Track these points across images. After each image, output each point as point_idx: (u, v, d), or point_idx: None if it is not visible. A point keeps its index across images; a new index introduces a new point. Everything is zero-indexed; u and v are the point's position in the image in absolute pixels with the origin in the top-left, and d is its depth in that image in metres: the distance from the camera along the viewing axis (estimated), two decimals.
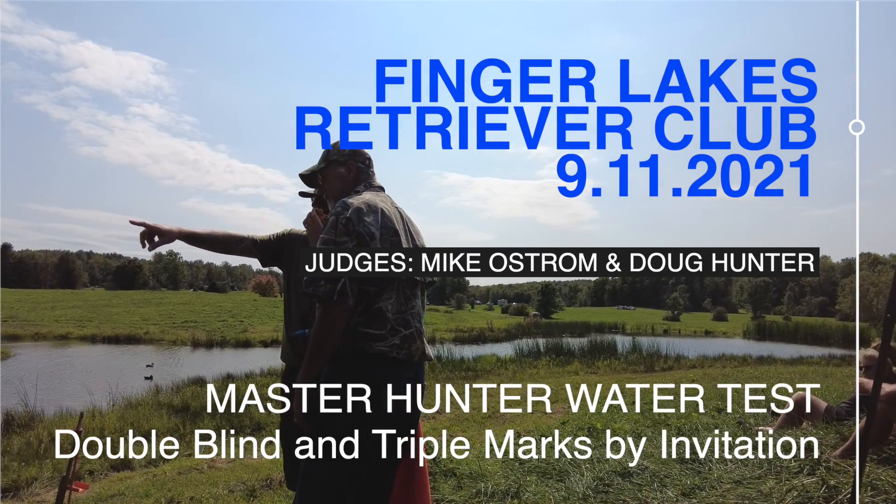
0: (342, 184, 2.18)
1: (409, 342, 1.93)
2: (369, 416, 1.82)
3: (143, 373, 18.60)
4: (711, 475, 3.16)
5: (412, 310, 1.99)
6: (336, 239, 1.87)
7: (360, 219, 1.90)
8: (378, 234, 1.92)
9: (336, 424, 1.81)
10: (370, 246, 1.89)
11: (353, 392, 1.81)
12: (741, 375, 12.12)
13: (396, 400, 1.87)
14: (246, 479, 5.12)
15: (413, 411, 1.95)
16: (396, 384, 1.87)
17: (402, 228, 2.04)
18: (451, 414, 10.28)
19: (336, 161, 2.20)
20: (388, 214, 2.01)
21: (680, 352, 20.97)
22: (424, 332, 2.09)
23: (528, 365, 18.32)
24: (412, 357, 1.94)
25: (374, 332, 1.86)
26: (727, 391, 7.90)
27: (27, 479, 6.89)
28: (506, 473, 3.82)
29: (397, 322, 1.92)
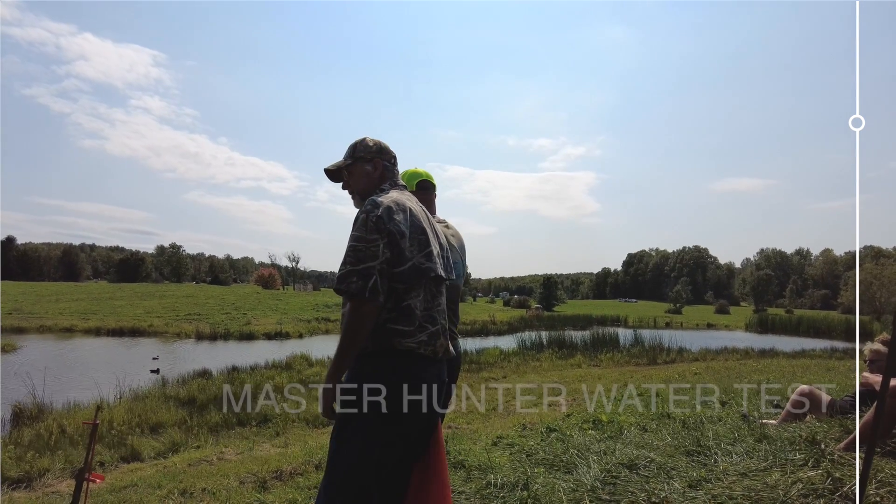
0: (368, 181, 2.19)
1: (436, 339, 1.97)
2: (397, 411, 1.85)
3: (148, 365, 18.73)
4: (717, 467, 3.20)
5: (438, 307, 2.03)
6: (367, 237, 1.88)
7: (391, 217, 1.92)
8: (408, 232, 1.94)
9: (365, 420, 1.84)
10: (400, 244, 1.91)
11: (384, 388, 1.85)
12: (744, 368, 12.19)
13: (422, 395, 1.91)
14: (256, 470, 5.18)
15: (434, 411, 1.99)
16: (423, 381, 1.91)
17: (429, 227, 2.07)
18: (457, 406, 10.36)
19: (362, 158, 2.20)
20: (416, 213, 2.03)
21: (682, 345, 21.06)
22: (448, 329, 2.12)
23: (532, 358, 18.42)
24: (437, 353, 1.98)
25: (403, 329, 1.89)
26: (731, 385, 7.99)
27: (40, 470, 6.99)
28: (514, 465, 3.88)
29: (424, 319, 1.95)
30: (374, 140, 2.24)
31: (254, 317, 38.43)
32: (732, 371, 11.48)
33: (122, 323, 33.65)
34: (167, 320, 36.01)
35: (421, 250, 1.97)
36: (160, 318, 37.20)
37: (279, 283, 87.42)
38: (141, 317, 37.19)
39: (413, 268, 1.93)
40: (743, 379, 9.03)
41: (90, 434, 3.81)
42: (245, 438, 8.78)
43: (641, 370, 14.41)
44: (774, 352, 20.56)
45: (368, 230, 1.89)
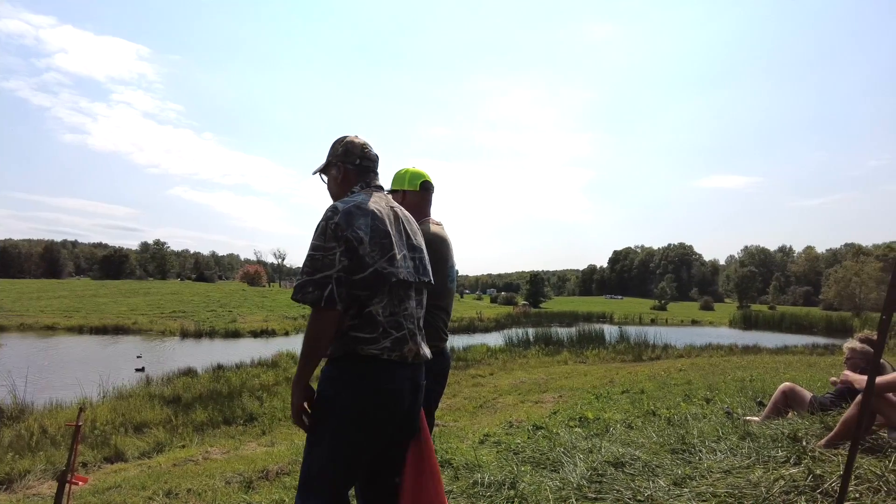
0: (336, 187, 2.17)
1: (402, 344, 1.94)
2: (364, 414, 1.85)
3: (132, 363, 18.53)
4: (701, 465, 3.24)
5: (405, 311, 1.99)
6: (325, 245, 1.86)
7: (349, 223, 1.89)
8: (368, 237, 1.90)
9: (334, 422, 1.84)
10: (359, 250, 1.88)
11: (351, 391, 1.85)
12: (728, 365, 12.32)
13: (391, 399, 1.90)
14: (242, 470, 5.15)
15: (409, 409, 1.99)
16: (390, 384, 1.90)
17: (395, 230, 2.03)
18: (444, 403, 10.37)
19: (330, 163, 2.18)
20: (381, 216, 1.99)
21: (667, 341, 21.25)
22: (421, 332, 2.08)
23: (519, 355, 18.49)
24: (405, 358, 1.95)
25: (364, 336, 1.88)
26: (715, 382, 8.08)
27: (20, 471, 6.89)
28: (500, 464, 3.89)
29: (389, 325, 1.92)
30: (345, 140, 2.19)
31: (239, 314, 38.14)
32: (717, 367, 11.60)
33: (105, 321, 33.20)
34: (152, 318, 35.62)
35: (383, 255, 1.94)
36: (144, 315, 36.77)
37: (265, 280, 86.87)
38: (125, 314, 36.72)
39: (374, 273, 1.90)
40: (727, 375, 9.13)
41: (73, 436, 3.75)
42: (231, 437, 8.72)
43: (627, 366, 14.52)
44: (758, 348, 20.82)
45: (326, 238, 1.87)
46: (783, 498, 2.53)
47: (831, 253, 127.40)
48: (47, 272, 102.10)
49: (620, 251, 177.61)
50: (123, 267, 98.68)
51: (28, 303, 41.56)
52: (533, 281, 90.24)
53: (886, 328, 1.68)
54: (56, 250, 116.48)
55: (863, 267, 68.99)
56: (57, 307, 39.60)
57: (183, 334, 30.16)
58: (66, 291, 50.24)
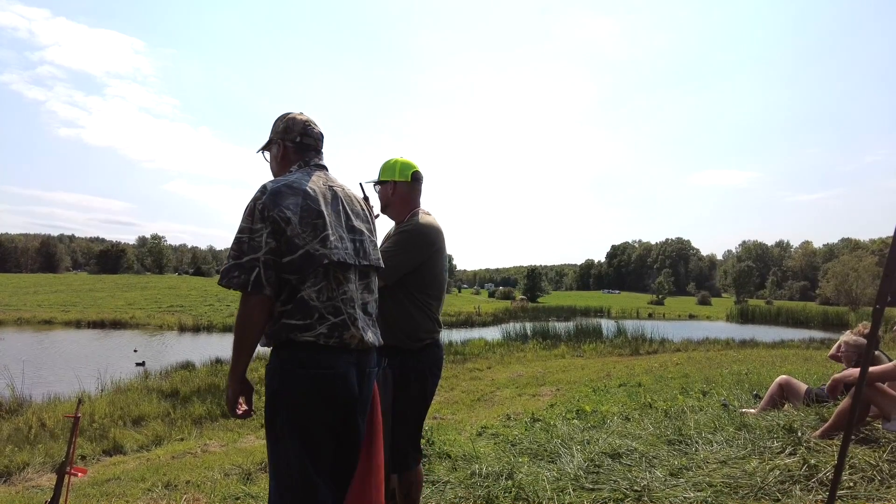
0: (275, 165, 2.07)
1: (340, 329, 1.83)
2: (312, 402, 1.80)
3: (130, 358, 18.53)
4: (697, 456, 3.27)
5: (344, 295, 1.88)
6: (252, 226, 1.77)
7: (276, 203, 1.78)
8: (297, 218, 1.79)
9: (287, 414, 1.80)
10: (286, 231, 1.78)
11: (294, 381, 1.79)
12: (725, 359, 12.37)
13: (335, 385, 1.83)
14: (241, 462, 5.16)
15: (358, 395, 1.91)
16: (331, 370, 1.82)
17: (330, 210, 1.91)
18: (441, 397, 10.40)
19: (271, 141, 2.08)
20: (314, 195, 1.87)
21: (665, 335, 21.28)
22: (367, 316, 1.97)
23: (516, 349, 18.53)
24: (347, 345, 1.85)
25: (297, 323, 1.79)
26: (712, 375, 8.12)
27: (19, 464, 6.90)
28: (498, 455, 3.91)
29: (326, 310, 1.82)
30: (287, 117, 2.08)
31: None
32: (713, 361, 11.65)
33: (103, 315, 33.19)
34: (149, 312, 35.62)
35: (315, 236, 1.82)
36: (142, 309, 36.79)
37: None
38: (122, 308, 36.73)
39: (304, 255, 1.80)
40: (724, 369, 9.18)
41: (72, 428, 3.76)
42: (229, 430, 8.74)
43: (624, 360, 14.57)
44: (755, 342, 20.89)
45: (254, 219, 1.78)
46: (778, 487, 2.56)
47: (828, 248, 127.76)
48: (44, 267, 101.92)
49: (618, 246, 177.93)
50: (121, 261, 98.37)
51: (25, 297, 41.51)
52: (530, 276, 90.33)
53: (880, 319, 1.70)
54: (53, 245, 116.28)
55: (859, 262, 69.18)
56: (54, 301, 39.58)
57: (181, 328, 30.16)
58: (64, 286, 50.19)
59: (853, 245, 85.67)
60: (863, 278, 65.53)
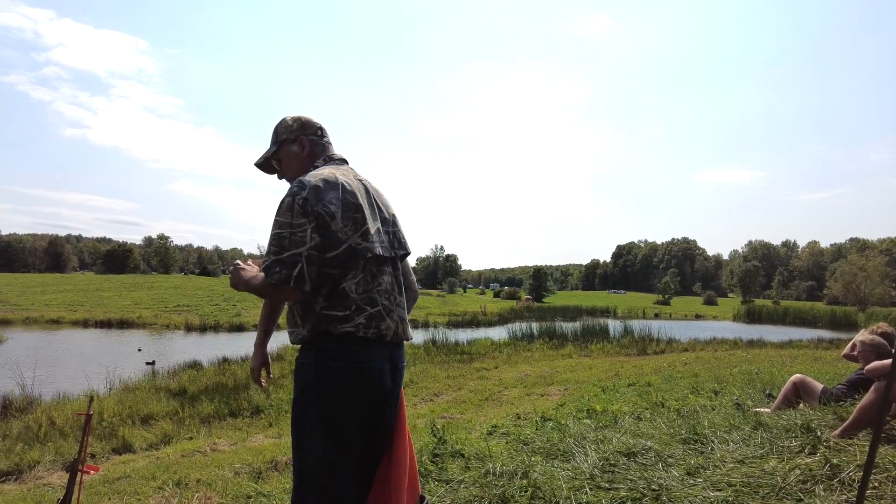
0: (299, 163, 2.05)
1: (377, 320, 1.84)
2: (346, 396, 1.79)
3: (137, 357, 18.59)
4: (714, 455, 3.23)
5: (379, 287, 1.88)
6: (292, 221, 1.75)
7: (319, 198, 1.78)
8: (339, 212, 1.80)
9: (318, 409, 1.78)
10: (331, 226, 1.78)
11: (328, 374, 1.78)
12: (733, 358, 12.31)
13: (370, 378, 1.83)
14: (251, 461, 5.17)
15: (391, 390, 1.92)
16: (367, 363, 1.82)
17: (366, 203, 1.92)
18: (449, 396, 10.38)
19: (286, 140, 2.06)
20: (351, 188, 1.88)
21: (672, 335, 21.21)
22: (400, 308, 1.97)
23: (523, 348, 18.49)
24: (383, 336, 1.86)
25: (338, 314, 1.79)
26: (722, 375, 8.07)
27: (30, 462, 6.92)
28: (511, 454, 3.88)
29: (363, 301, 1.82)
30: (293, 117, 2.10)
31: (244, 308, 38.19)
32: (722, 361, 11.59)
33: (110, 314, 33.31)
34: (156, 312, 35.73)
35: (357, 230, 1.84)
36: (149, 309, 36.89)
37: None
38: (129, 308, 36.85)
39: (348, 250, 1.81)
40: (733, 368, 9.12)
41: (83, 425, 3.76)
42: (238, 429, 8.75)
43: (632, 360, 14.50)
44: (762, 342, 20.78)
45: (294, 214, 1.76)
46: (800, 487, 2.52)
47: (835, 248, 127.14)
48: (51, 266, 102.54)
49: (623, 246, 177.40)
50: (127, 261, 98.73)
51: (33, 297, 41.73)
52: (536, 275, 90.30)
53: None
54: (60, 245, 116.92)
55: (868, 261, 68.74)
56: (62, 301, 39.76)
57: (187, 328, 30.25)
58: (71, 285, 50.42)
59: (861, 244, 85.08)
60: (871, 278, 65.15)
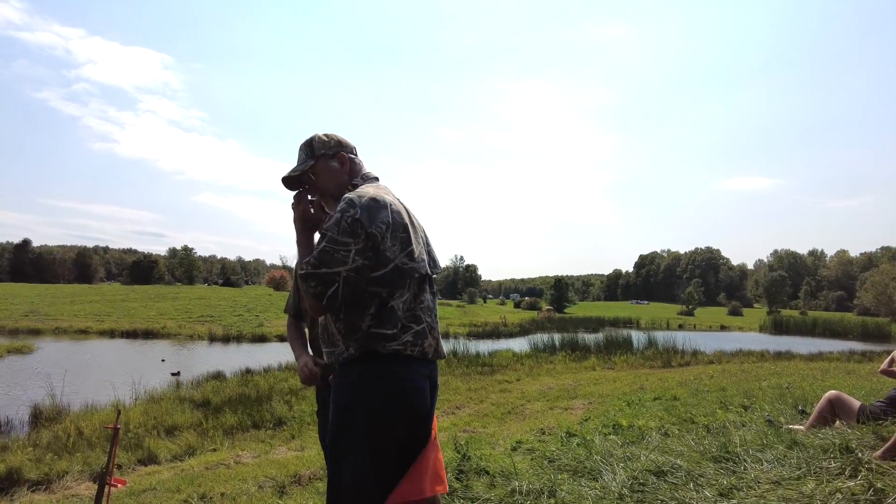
0: (337, 179, 2.03)
1: (422, 338, 1.85)
2: (390, 417, 1.76)
3: (161, 367, 18.84)
4: (747, 475, 3.13)
5: (422, 304, 1.89)
6: (339, 238, 1.74)
7: (371, 218, 1.77)
8: (389, 232, 1.80)
9: (360, 428, 1.75)
10: (380, 246, 1.77)
11: (375, 394, 1.76)
12: (761, 371, 12.03)
13: (414, 399, 1.81)
14: (274, 475, 5.17)
15: (428, 410, 1.90)
16: (412, 383, 1.81)
17: (409, 222, 1.91)
18: (471, 409, 10.30)
19: (325, 155, 2.04)
20: (397, 208, 1.87)
21: (696, 347, 20.84)
22: (438, 327, 1.97)
23: (545, 360, 18.32)
24: (426, 354, 1.87)
25: (386, 332, 1.78)
26: (750, 388, 7.88)
27: (59, 472, 7.02)
28: (537, 472, 3.82)
29: (407, 319, 1.83)
30: (326, 134, 2.08)
31: (266, 318, 38.53)
32: (750, 374, 11.33)
33: (135, 325, 33.86)
34: (180, 322, 36.22)
35: (403, 249, 1.83)
36: (173, 319, 37.42)
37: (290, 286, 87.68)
38: (154, 318, 37.42)
39: (395, 269, 1.80)
40: (762, 382, 8.90)
41: (111, 438, 3.80)
42: (261, 441, 8.78)
43: (657, 373, 14.27)
44: (791, 354, 20.31)
45: (341, 231, 1.75)
46: None
47: (866, 257, 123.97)
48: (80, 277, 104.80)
49: (646, 256, 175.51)
50: (153, 272, 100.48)
51: (62, 307, 42.63)
52: (557, 285, 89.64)
53: None
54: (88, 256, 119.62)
55: None
56: (89, 311, 40.54)
57: (211, 338, 30.59)
58: (98, 296, 51.41)
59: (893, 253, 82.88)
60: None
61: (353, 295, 1.78)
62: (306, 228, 2.04)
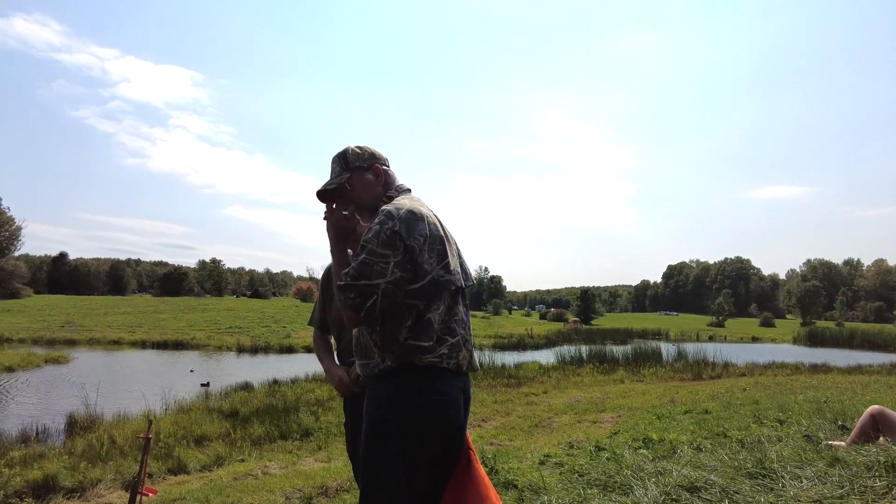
0: (371, 191, 2.03)
1: (457, 350, 1.85)
2: (425, 430, 1.77)
3: (190, 378, 19.14)
4: (786, 492, 3.02)
5: (456, 317, 1.89)
6: (378, 251, 1.74)
7: (410, 231, 1.78)
8: (427, 244, 1.81)
9: (395, 445, 1.75)
10: (418, 259, 1.78)
11: (410, 407, 1.76)
12: (796, 384, 11.68)
13: (449, 412, 1.81)
14: (301, 486, 5.17)
15: (462, 423, 1.89)
16: (446, 396, 1.81)
17: (444, 234, 1.92)
18: (497, 422, 10.21)
19: (360, 167, 2.04)
20: (433, 220, 1.89)
21: (728, 358, 20.37)
22: (471, 339, 1.98)
23: (572, 372, 18.09)
24: (461, 367, 1.86)
25: (423, 345, 1.78)
26: (785, 402, 7.65)
27: (92, 480, 7.15)
28: (566, 486, 3.75)
29: (443, 331, 1.83)
30: (359, 146, 2.09)
31: (293, 329, 38.93)
32: (784, 387, 11.00)
33: (166, 336, 34.58)
34: (209, 333, 36.84)
35: (439, 262, 1.84)
36: (202, 330, 38.08)
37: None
38: (184, 330, 38.14)
39: (432, 282, 1.81)
40: (798, 395, 8.63)
41: (143, 448, 3.86)
42: (288, 452, 8.82)
43: (687, 385, 13.96)
44: (827, 367, 19.69)
45: (380, 243, 1.75)
46: None
47: None
48: (113, 289, 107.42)
49: (675, 266, 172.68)
50: (183, 284, 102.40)
51: (96, 318, 43.74)
52: (583, 297, 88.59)
53: None
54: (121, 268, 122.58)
55: None
56: (122, 322, 41.51)
57: (239, 349, 31.02)
58: (130, 307, 52.61)
59: None
60: None
61: (391, 307, 1.79)
62: (340, 239, 2.05)
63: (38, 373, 20.28)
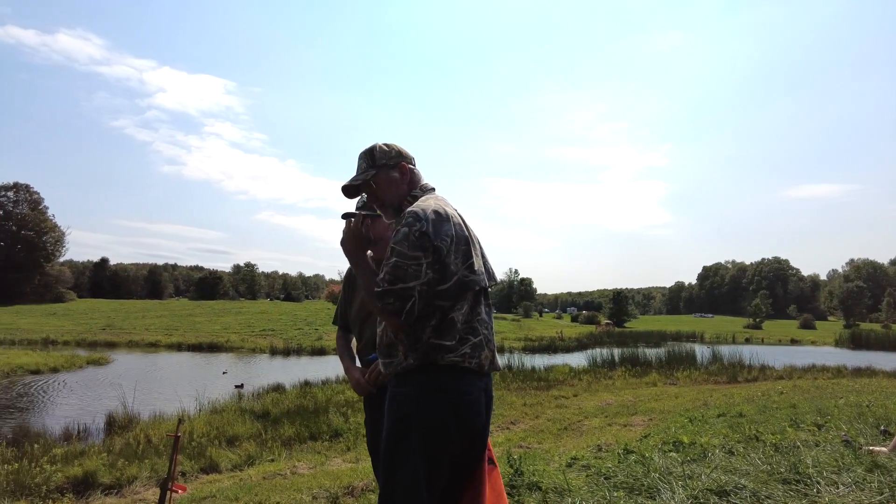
0: (397, 189, 2.02)
1: (479, 350, 1.84)
2: (447, 430, 1.76)
3: (224, 379, 19.54)
4: (821, 498, 2.92)
5: (478, 317, 1.89)
6: (409, 253, 1.75)
7: (438, 232, 1.78)
8: (453, 245, 1.81)
9: (416, 445, 1.74)
10: (445, 260, 1.79)
11: (432, 407, 1.76)
12: (838, 388, 11.27)
13: (471, 412, 1.81)
14: (328, 486, 5.21)
15: (484, 423, 1.89)
16: (469, 395, 1.81)
17: (468, 234, 1.92)
18: (526, 425, 10.13)
19: (386, 165, 2.03)
20: (458, 221, 1.90)
21: (765, 361, 19.84)
22: (494, 339, 1.98)
23: (604, 375, 17.83)
24: (482, 366, 1.86)
25: (446, 344, 1.79)
26: (825, 407, 7.39)
27: (129, 477, 7.36)
28: (592, 489, 3.69)
29: (465, 331, 1.83)
30: (386, 144, 2.07)
31: (325, 332, 39.39)
32: (824, 391, 10.63)
33: (201, 338, 35.43)
34: (243, 336, 37.59)
35: (464, 262, 1.84)
36: (236, 333, 38.87)
37: None
38: (218, 332, 39.01)
39: (458, 282, 1.81)
40: (839, 399, 8.33)
41: (173, 446, 3.94)
42: (317, 453, 8.92)
43: (722, 388, 13.61)
44: (872, 370, 18.94)
45: (411, 245, 1.75)
46: None
47: None
48: (151, 293, 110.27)
49: (710, 267, 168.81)
50: (217, 288, 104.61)
51: (135, 321, 45.08)
52: (616, 299, 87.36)
53: None
54: (158, 273, 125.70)
55: None
56: (159, 325, 42.69)
57: (272, 352, 31.52)
58: (167, 311, 54.05)
59: None
60: None
61: (424, 308, 1.80)
62: (360, 247, 2.05)
63: (80, 374, 21.02)
